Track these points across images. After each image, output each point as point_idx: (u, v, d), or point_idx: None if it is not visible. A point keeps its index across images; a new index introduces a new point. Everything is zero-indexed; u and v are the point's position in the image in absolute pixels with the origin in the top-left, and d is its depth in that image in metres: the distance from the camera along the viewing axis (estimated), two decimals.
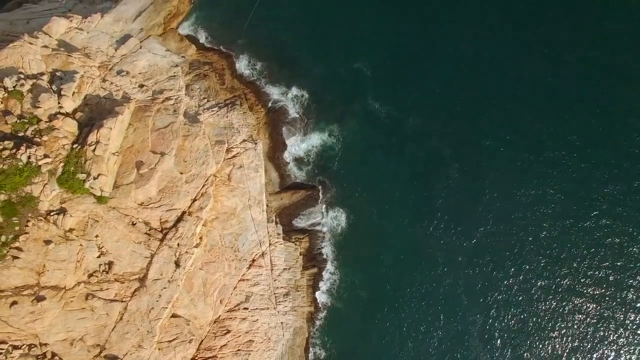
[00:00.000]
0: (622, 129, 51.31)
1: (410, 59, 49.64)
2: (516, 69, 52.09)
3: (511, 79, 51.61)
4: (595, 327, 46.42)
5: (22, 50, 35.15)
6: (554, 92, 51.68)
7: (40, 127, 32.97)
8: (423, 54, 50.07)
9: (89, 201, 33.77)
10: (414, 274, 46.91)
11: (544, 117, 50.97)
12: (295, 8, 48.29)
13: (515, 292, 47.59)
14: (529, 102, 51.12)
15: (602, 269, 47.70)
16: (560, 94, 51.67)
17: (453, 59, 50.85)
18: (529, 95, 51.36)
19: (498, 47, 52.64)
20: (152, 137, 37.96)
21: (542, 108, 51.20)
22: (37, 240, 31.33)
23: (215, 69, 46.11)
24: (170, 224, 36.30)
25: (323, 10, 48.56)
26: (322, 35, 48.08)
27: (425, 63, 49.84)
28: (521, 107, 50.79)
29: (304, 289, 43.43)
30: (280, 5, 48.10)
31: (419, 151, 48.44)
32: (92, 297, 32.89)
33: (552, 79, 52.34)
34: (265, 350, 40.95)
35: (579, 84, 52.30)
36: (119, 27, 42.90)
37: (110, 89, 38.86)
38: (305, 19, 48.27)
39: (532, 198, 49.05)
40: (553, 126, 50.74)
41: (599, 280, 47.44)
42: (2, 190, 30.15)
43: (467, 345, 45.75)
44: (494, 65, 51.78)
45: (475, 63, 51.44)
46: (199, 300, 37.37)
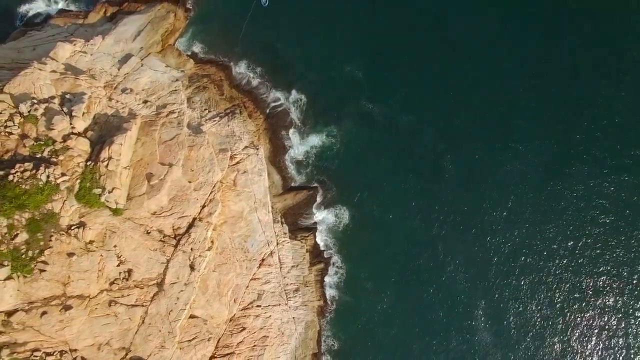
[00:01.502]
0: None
1: (400, 58, 51.82)
2: (504, 61, 54.09)
3: (500, 72, 53.65)
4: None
5: (33, 76, 37.28)
6: (539, 85, 53.76)
7: (56, 148, 35.11)
8: (411, 53, 52.22)
9: (105, 214, 35.93)
10: (416, 264, 49.11)
11: (532, 107, 53.13)
12: (286, 17, 50.36)
13: (514, 275, 49.76)
14: (518, 93, 53.24)
15: (606, 262, 49.89)
16: (543, 85, 53.85)
17: (441, 56, 52.91)
18: (518, 87, 53.45)
19: (486, 40, 54.57)
20: (160, 149, 40.10)
21: (529, 99, 53.34)
22: (60, 254, 33.46)
23: (213, 81, 48.25)
24: (182, 230, 38.48)
25: (313, 18, 50.67)
26: (313, 41, 50.23)
27: (414, 62, 51.98)
28: (510, 99, 52.89)
29: (313, 284, 45.61)
30: (272, 16, 50.14)
31: (414, 147, 50.60)
32: (114, 304, 35.06)
33: (539, 69, 54.41)
34: (280, 344, 43.12)
35: (567, 74, 54.43)
36: (120, 48, 45.02)
37: (117, 106, 41.01)
38: (296, 27, 50.38)
39: (527, 186, 51.24)
40: (541, 115, 53.02)
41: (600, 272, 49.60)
42: (26, 209, 32.26)
43: (470, 326, 47.98)
44: (482, 59, 53.74)
45: (464, 59, 53.45)
46: (214, 300, 39.55)
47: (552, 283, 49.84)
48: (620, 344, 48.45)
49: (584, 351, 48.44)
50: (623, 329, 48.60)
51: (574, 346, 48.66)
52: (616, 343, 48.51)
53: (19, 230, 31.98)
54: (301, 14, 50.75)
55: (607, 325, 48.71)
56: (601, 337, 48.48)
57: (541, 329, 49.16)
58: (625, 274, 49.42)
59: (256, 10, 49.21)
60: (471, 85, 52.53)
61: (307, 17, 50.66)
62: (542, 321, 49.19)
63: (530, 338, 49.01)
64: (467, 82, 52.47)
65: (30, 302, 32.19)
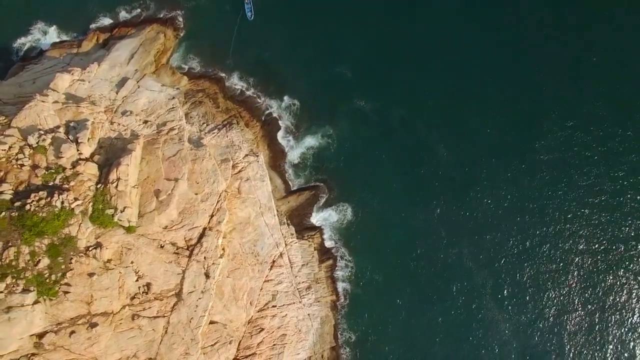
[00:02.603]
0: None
1: (386, 56, 53.48)
2: (487, 53, 55.64)
3: (483, 64, 55.21)
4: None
5: (37, 108, 38.91)
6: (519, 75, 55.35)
7: (67, 174, 36.78)
8: (397, 49, 53.89)
9: (119, 233, 37.60)
10: (421, 251, 50.76)
11: (518, 96, 54.69)
12: (272, 27, 51.95)
13: (518, 254, 51.37)
14: (498, 84, 54.78)
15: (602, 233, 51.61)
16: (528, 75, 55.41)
17: (426, 50, 54.55)
18: (499, 78, 55.04)
19: (470, 32, 56.15)
20: (164, 166, 41.74)
21: (514, 88, 54.95)
22: (81, 275, 35.13)
23: (208, 95, 49.89)
24: (194, 240, 40.14)
25: (298, 26, 52.32)
26: (301, 47, 51.85)
27: (400, 58, 53.66)
28: (493, 90, 54.43)
29: (324, 280, 47.27)
30: (259, 28, 51.80)
31: (407, 139, 52.23)
32: (137, 317, 36.73)
33: (521, 59, 55.93)
34: (298, 341, 44.80)
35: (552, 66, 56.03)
36: (116, 72, 46.64)
37: (119, 129, 42.67)
38: (283, 36, 52.00)
39: (519, 170, 52.91)
40: (526, 102, 54.69)
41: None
42: (45, 235, 33.91)
43: (479, 307, 49.60)
44: (467, 52, 55.29)
45: (448, 51, 55.03)
46: (231, 305, 41.22)
47: (555, 259, 51.50)
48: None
49: (590, 325, 50.33)
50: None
51: (582, 321, 50.49)
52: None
53: (40, 256, 33.66)
54: (286, 23, 52.43)
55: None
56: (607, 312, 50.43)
57: (549, 305, 50.82)
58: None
59: (243, 24, 50.87)
60: (458, 75, 54.18)
61: (293, 25, 52.34)
62: (549, 297, 50.86)
63: (538, 314, 50.62)
64: (453, 72, 54.15)
65: (58, 323, 33.86)
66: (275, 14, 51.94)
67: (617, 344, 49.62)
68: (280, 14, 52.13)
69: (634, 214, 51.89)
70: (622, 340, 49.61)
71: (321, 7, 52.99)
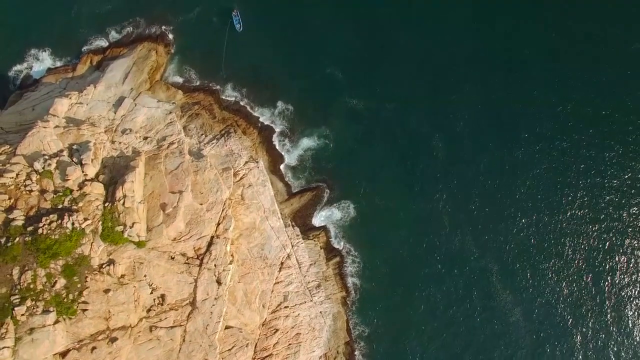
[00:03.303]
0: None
1: (373, 53, 54.63)
2: (470, 44, 56.94)
3: (467, 53, 56.51)
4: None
5: (40, 135, 39.92)
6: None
7: (74, 196, 37.78)
8: (383, 46, 55.01)
9: (130, 248, 38.62)
10: (426, 241, 51.89)
11: (501, 81, 55.92)
12: (261, 37, 53.03)
13: (520, 234, 52.47)
14: (481, 70, 56.12)
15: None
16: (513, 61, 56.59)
17: (412, 45, 55.65)
18: (482, 64, 56.37)
19: (454, 25, 57.29)
20: (168, 179, 42.78)
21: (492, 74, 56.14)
22: (98, 292, 36.12)
23: (204, 106, 50.93)
24: (203, 249, 41.19)
25: (285, 33, 53.42)
26: (290, 53, 52.98)
27: (387, 54, 54.81)
28: (482, 73, 55.79)
29: (333, 278, 48.31)
30: (248, 38, 52.83)
31: (401, 133, 53.36)
32: (155, 328, 37.74)
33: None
34: (313, 339, 45.86)
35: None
36: (112, 92, 47.70)
37: (120, 147, 43.71)
38: (272, 44, 53.08)
39: (515, 155, 54.06)
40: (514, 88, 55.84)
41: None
42: (59, 256, 34.88)
43: (486, 288, 50.69)
44: (451, 43, 56.45)
45: (434, 44, 56.20)
46: (244, 309, 42.27)
47: (557, 237, 52.62)
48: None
49: (597, 294, 51.43)
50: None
51: (585, 295, 51.58)
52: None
53: (56, 277, 34.66)
54: (274, 32, 53.52)
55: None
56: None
57: (555, 281, 51.89)
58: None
59: (232, 35, 51.90)
60: (443, 67, 55.38)
61: (280, 34, 53.45)
62: (555, 273, 51.95)
63: (545, 291, 51.69)
64: (438, 64, 55.33)
65: (80, 341, 34.81)
66: (262, 24, 53.05)
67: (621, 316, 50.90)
68: (267, 23, 53.23)
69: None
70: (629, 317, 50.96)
71: (306, 14, 54.20)
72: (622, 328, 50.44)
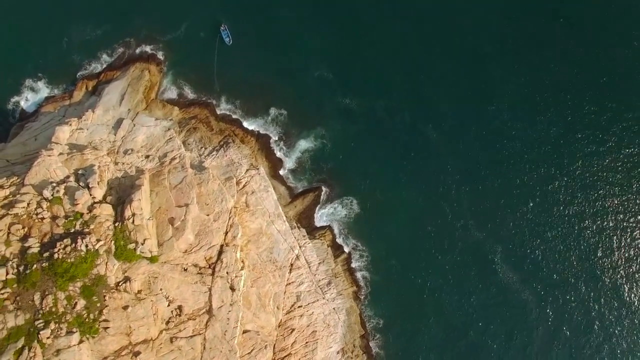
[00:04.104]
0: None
1: (360, 51, 55.73)
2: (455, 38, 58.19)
3: (453, 46, 57.71)
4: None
5: (45, 163, 41.03)
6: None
7: (85, 219, 38.92)
8: (369, 44, 56.18)
9: (144, 264, 39.75)
10: (430, 229, 53.26)
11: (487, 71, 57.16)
12: (250, 48, 54.06)
13: (518, 216, 53.90)
14: (468, 62, 57.40)
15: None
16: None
17: (398, 41, 56.88)
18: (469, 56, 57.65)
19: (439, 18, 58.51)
20: (173, 194, 43.91)
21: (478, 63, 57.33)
22: (117, 309, 37.27)
23: (201, 120, 52.11)
24: (214, 258, 42.37)
25: (273, 42, 54.47)
26: (279, 61, 54.09)
27: (374, 52, 56.00)
28: (466, 71, 57.10)
29: (342, 274, 49.55)
30: (238, 51, 53.87)
31: (396, 127, 54.65)
32: (175, 339, 38.90)
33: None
34: (329, 335, 47.10)
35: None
36: (110, 115, 48.84)
37: (124, 168, 44.84)
38: (261, 54, 54.13)
39: (506, 138, 55.33)
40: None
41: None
42: (77, 278, 36.02)
43: (492, 270, 51.92)
44: (435, 37, 57.75)
45: (419, 39, 57.46)
46: (259, 312, 43.46)
47: (557, 215, 53.99)
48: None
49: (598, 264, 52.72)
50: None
51: (592, 267, 52.86)
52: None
53: (76, 299, 35.82)
54: (262, 42, 54.57)
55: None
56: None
57: (559, 258, 53.25)
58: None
59: (223, 49, 53.09)
60: (429, 59, 56.62)
61: (268, 43, 54.51)
62: (559, 251, 53.29)
63: (552, 267, 53.01)
64: (426, 58, 56.70)
65: (104, 358, 35.93)
66: (251, 36, 54.15)
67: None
68: (255, 35, 54.31)
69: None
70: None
71: (291, 22, 55.28)
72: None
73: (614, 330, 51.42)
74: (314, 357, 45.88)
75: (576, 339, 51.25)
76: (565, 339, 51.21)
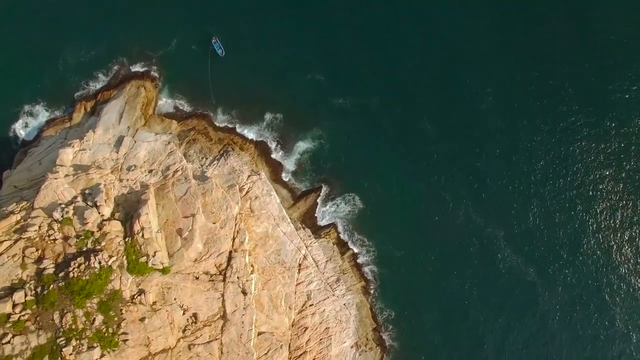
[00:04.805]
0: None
1: (349, 52, 56.73)
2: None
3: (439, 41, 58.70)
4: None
5: (52, 186, 42.11)
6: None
7: (96, 237, 40.04)
8: (357, 44, 57.20)
9: (156, 276, 40.86)
10: (432, 219, 54.36)
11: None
12: (242, 58, 55.04)
13: (517, 199, 54.99)
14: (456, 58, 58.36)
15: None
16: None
17: (381, 38, 57.86)
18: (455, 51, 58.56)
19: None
20: (179, 206, 44.99)
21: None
22: (134, 321, 38.36)
23: (199, 131, 53.14)
24: (224, 265, 43.46)
25: (263, 51, 55.48)
26: (270, 68, 55.05)
27: (362, 51, 56.96)
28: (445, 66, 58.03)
29: (350, 270, 50.63)
30: (230, 61, 54.72)
31: (390, 122, 55.68)
32: (193, 346, 40.04)
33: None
34: (341, 331, 48.18)
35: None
36: (111, 134, 49.88)
37: (129, 184, 45.92)
38: (253, 63, 55.12)
39: (500, 121, 56.41)
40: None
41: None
42: (93, 295, 37.15)
43: (496, 254, 53.04)
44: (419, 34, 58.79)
45: (404, 35, 58.40)
46: (272, 313, 44.53)
47: (554, 194, 55.16)
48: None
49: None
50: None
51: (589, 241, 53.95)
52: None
53: (94, 315, 36.94)
54: (254, 51, 55.53)
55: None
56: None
57: (563, 238, 54.35)
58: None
59: (216, 61, 54.11)
60: (417, 53, 57.62)
61: (260, 51, 55.47)
62: (561, 231, 54.43)
63: (554, 248, 54.09)
64: (410, 52, 57.65)
65: None
66: (242, 45, 55.07)
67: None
68: (246, 44, 55.24)
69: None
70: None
71: (279, 29, 56.21)
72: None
73: (622, 304, 52.58)
74: (329, 353, 46.94)
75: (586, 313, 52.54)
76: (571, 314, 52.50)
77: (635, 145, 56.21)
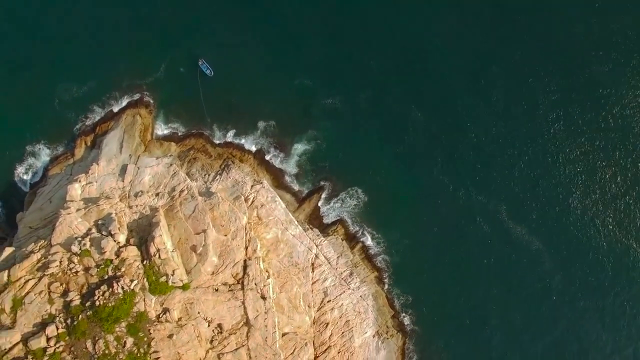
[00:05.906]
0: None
1: (333, 53, 58.13)
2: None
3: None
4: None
5: (67, 221, 43.75)
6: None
7: (115, 264, 41.71)
8: (340, 46, 58.56)
9: (178, 293, 42.54)
10: (435, 203, 56.17)
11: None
12: (231, 76, 56.28)
13: (516, 175, 56.75)
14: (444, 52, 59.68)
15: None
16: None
17: (365, 36, 59.20)
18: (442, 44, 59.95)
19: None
20: (189, 223, 46.61)
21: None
22: (163, 339, 40.05)
23: (198, 149, 54.65)
24: (241, 274, 45.11)
25: (250, 66, 56.67)
26: (258, 80, 56.20)
27: (346, 52, 58.30)
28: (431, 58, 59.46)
29: (361, 262, 52.26)
30: (220, 80, 56.12)
31: (383, 116, 57.25)
32: (222, 355, 41.74)
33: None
34: (361, 322, 49.80)
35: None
36: (114, 164, 51.45)
37: (139, 210, 47.55)
38: (241, 79, 56.34)
39: (492, 104, 57.98)
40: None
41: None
42: (121, 319, 38.88)
43: (501, 229, 54.77)
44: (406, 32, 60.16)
45: (389, 33, 59.77)
46: (293, 314, 46.15)
47: (554, 165, 56.78)
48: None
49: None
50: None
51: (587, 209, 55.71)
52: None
53: (124, 338, 38.65)
54: (241, 67, 56.57)
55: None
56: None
57: (565, 208, 56.15)
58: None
59: (205, 81, 55.62)
60: (407, 48, 59.11)
61: (247, 66, 56.55)
62: (562, 201, 56.16)
63: (557, 218, 55.94)
64: (398, 47, 59.02)
65: None
66: (228, 63, 56.29)
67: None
68: (232, 61, 56.34)
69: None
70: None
71: (263, 40, 57.55)
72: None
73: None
74: (352, 344, 48.57)
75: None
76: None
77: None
